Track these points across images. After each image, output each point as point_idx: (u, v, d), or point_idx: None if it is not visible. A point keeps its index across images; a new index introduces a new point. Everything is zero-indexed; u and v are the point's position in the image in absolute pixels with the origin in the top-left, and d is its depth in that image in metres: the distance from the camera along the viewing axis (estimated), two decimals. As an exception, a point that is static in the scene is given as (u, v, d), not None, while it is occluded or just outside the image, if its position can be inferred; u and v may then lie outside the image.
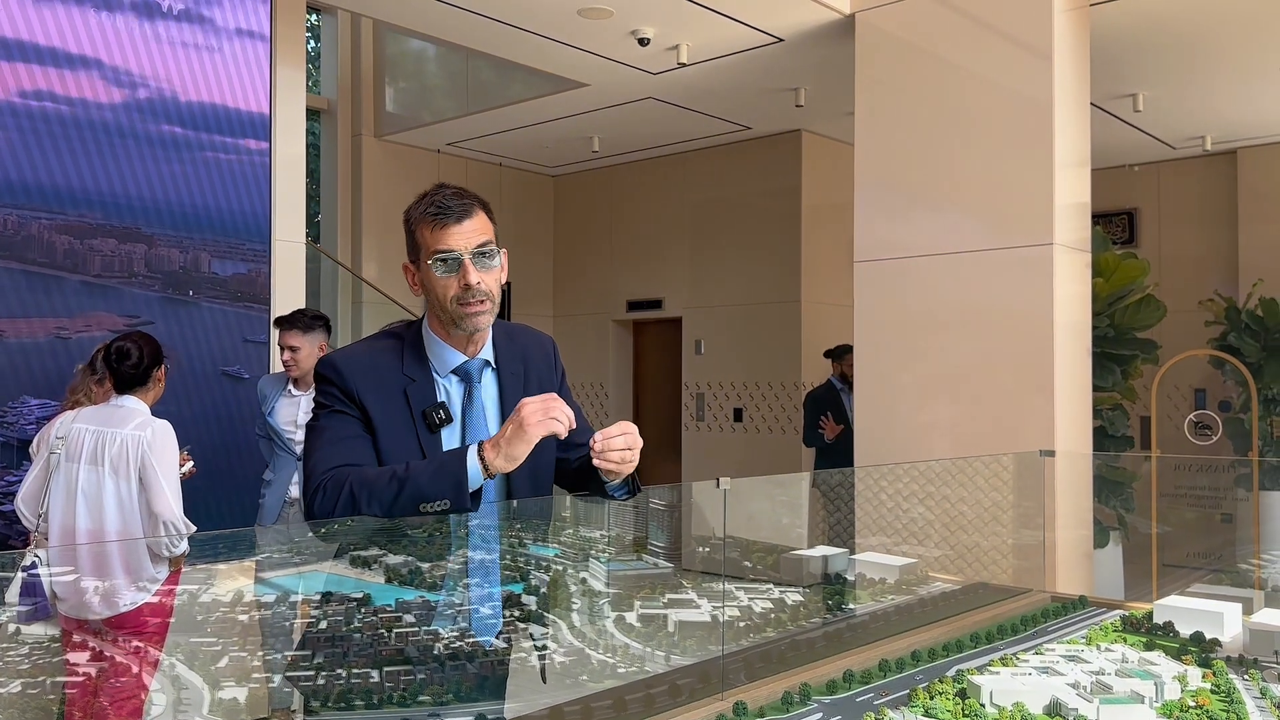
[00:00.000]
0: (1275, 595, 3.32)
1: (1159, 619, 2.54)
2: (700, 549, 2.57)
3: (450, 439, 2.01)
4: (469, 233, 1.92)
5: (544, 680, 1.98)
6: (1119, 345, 5.87)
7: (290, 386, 4.38)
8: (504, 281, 2.02)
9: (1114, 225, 8.88)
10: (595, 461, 1.92)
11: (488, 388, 2.09)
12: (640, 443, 1.95)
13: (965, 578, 3.20)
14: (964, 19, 5.21)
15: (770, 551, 2.89)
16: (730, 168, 8.74)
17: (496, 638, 1.97)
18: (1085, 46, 5.21)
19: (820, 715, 1.89)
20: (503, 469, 1.84)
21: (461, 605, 1.99)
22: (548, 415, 1.84)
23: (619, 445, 1.91)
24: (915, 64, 5.38)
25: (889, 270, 5.42)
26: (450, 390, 2.04)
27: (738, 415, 8.60)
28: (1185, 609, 2.54)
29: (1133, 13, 5.45)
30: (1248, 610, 2.57)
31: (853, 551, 3.13)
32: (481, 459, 1.83)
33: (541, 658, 2.02)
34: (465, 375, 2.04)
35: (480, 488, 1.86)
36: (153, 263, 4.67)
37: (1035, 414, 4.84)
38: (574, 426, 1.89)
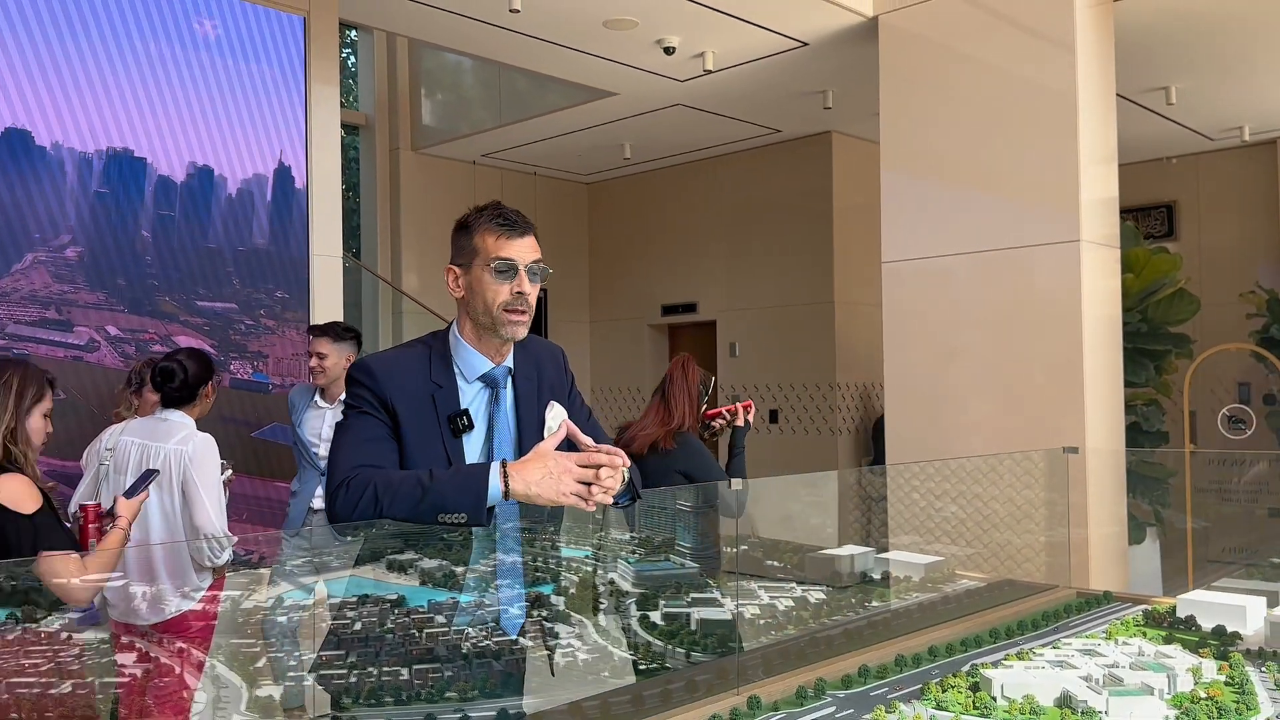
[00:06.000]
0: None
1: (1182, 613, 2.53)
2: (726, 549, 2.62)
3: (473, 444, 2.11)
4: (528, 248, 2.11)
5: (553, 674, 2.05)
6: (1152, 340, 5.82)
7: (318, 398, 4.34)
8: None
9: (1153, 218, 8.78)
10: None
11: (508, 395, 2.19)
12: (622, 466, 1.97)
13: (993, 575, 3.20)
14: (986, 16, 5.20)
15: (796, 551, 2.93)
16: (761, 171, 8.77)
17: (522, 635, 2.04)
18: (1109, 41, 5.18)
19: (833, 709, 1.94)
20: (520, 499, 1.91)
21: (489, 604, 2.06)
22: (589, 492, 1.90)
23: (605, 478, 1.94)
24: (938, 64, 5.39)
25: (917, 270, 5.43)
26: (474, 396, 2.14)
27: (773, 417, 8.62)
28: (1208, 603, 2.54)
29: (1156, 6, 5.40)
30: (1274, 603, 2.56)
31: (885, 550, 3.16)
32: (505, 481, 1.89)
33: (552, 650, 2.09)
34: (491, 382, 2.15)
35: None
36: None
37: (1067, 411, 4.82)
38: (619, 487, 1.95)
